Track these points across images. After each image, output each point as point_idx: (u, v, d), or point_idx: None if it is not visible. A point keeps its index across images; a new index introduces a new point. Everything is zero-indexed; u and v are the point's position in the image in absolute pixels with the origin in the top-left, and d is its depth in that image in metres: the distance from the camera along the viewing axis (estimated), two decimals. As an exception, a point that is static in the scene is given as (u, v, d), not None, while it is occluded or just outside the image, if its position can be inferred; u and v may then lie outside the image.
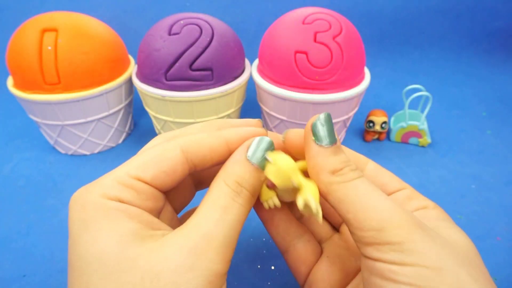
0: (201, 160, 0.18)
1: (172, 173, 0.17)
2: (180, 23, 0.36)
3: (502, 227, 0.32)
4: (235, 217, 0.16)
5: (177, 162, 0.17)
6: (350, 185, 0.17)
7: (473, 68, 0.66)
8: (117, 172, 0.17)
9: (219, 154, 0.18)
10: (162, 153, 0.17)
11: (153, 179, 0.17)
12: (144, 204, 0.16)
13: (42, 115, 0.38)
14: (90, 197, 0.16)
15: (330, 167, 0.17)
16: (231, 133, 0.19)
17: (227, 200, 0.17)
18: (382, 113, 0.43)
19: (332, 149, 0.17)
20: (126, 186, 0.16)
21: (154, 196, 0.17)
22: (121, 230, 0.15)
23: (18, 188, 0.37)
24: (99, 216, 0.15)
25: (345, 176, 0.17)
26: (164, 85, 0.36)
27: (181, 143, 0.18)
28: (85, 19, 0.38)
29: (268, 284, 0.28)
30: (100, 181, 0.16)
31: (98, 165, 0.41)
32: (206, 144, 0.18)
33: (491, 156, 0.42)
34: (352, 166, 0.17)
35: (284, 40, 0.36)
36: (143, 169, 0.17)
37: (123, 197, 0.16)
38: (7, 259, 0.30)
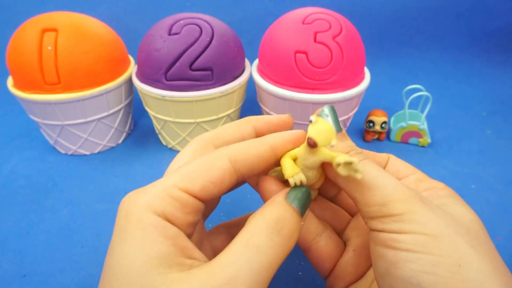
0: (249, 168, 0.18)
1: (220, 184, 0.17)
2: (180, 23, 0.36)
3: (502, 227, 0.32)
4: (269, 258, 0.15)
5: (226, 172, 0.17)
6: (359, 166, 0.17)
7: (473, 68, 0.66)
8: (166, 181, 0.16)
9: (266, 161, 0.18)
10: (210, 163, 0.17)
11: (202, 190, 0.16)
12: (186, 218, 0.16)
13: (42, 115, 0.38)
14: (136, 207, 0.15)
15: (340, 151, 0.18)
16: (276, 139, 0.18)
17: (263, 238, 0.15)
18: (382, 113, 0.43)
19: (339, 136, 0.18)
20: (173, 199, 0.16)
21: (197, 209, 0.17)
22: (152, 251, 0.14)
23: (18, 188, 0.37)
24: (137, 229, 0.15)
25: (353, 159, 0.17)
26: (164, 85, 0.36)
27: (229, 153, 0.17)
28: (85, 19, 0.38)
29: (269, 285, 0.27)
30: (150, 189, 0.16)
31: (98, 165, 0.41)
32: (254, 152, 0.18)
33: (491, 156, 0.42)
34: (358, 150, 0.18)
35: (284, 40, 0.36)
36: (192, 180, 0.16)
37: (168, 211, 0.15)
38: (7, 259, 0.30)
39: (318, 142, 0.16)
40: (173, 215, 0.15)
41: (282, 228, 0.16)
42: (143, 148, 0.44)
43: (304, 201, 0.17)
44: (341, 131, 0.18)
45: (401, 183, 0.17)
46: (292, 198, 0.17)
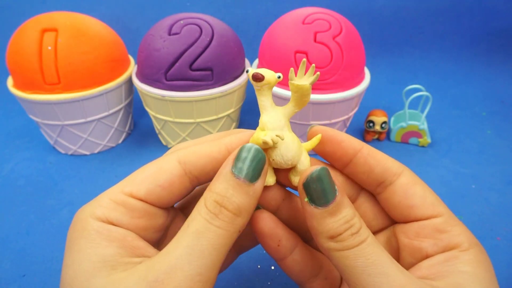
0: (202, 170, 0.17)
1: (169, 187, 0.16)
2: (180, 23, 0.36)
3: (502, 227, 0.32)
4: (210, 242, 0.14)
5: (174, 175, 0.16)
6: (348, 254, 0.15)
7: (473, 68, 0.66)
8: (113, 188, 0.16)
9: (220, 163, 0.17)
10: (158, 166, 0.16)
11: (148, 194, 0.16)
12: (135, 223, 0.16)
13: (42, 115, 0.38)
14: (81, 216, 0.15)
15: (327, 232, 0.15)
16: (232, 139, 0.17)
17: (201, 223, 0.15)
18: (382, 113, 0.43)
19: (329, 210, 0.15)
20: (118, 204, 0.16)
21: (148, 214, 0.16)
22: (95, 256, 0.14)
23: (18, 188, 0.37)
24: (81, 237, 0.15)
25: (343, 244, 0.15)
26: (164, 85, 0.36)
27: (179, 155, 0.17)
28: (85, 19, 0.38)
29: (268, 284, 0.28)
30: (97, 197, 0.16)
31: (98, 165, 0.41)
32: (205, 153, 0.17)
33: (491, 156, 0.42)
34: (355, 227, 0.15)
35: (284, 40, 0.36)
36: (137, 184, 0.16)
37: (112, 216, 0.15)
38: (7, 259, 0.30)
39: (263, 74, 0.16)
40: (118, 220, 0.15)
41: (221, 211, 0.15)
42: (143, 148, 0.44)
43: (253, 165, 0.15)
44: (333, 201, 0.15)
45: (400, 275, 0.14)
46: (240, 165, 0.15)
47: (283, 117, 0.17)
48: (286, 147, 0.17)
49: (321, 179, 0.15)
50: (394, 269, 0.14)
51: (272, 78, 0.16)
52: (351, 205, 0.16)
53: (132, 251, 0.15)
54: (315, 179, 0.15)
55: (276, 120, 0.17)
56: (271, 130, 0.16)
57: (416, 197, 0.17)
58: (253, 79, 0.16)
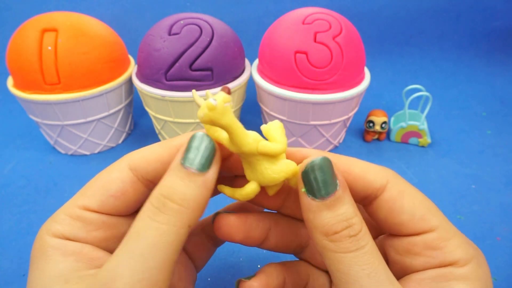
0: (154, 174, 0.16)
1: (122, 195, 0.16)
2: (180, 23, 0.36)
3: (502, 227, 0.32)
4: (152, 242, 0.13)
5: (126, 182, 0.16)
6: (343, 259, 0.13)
7: (473, 68, 0.66)
8: (68, 203, 0.16)
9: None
10: (108, 175, 0.16)
11: (101, 205, 0.15)
12: (92, 236, 0.15)
13: (42, 115, 0.38)
14: (39, 234, 0.15)
15: (323, 227, 0.14)
16: (181, 139, 0.16)
17: (142, 221, 0.14)
18: (382, 113, 0.43)
19: (326, 203, 0.14)
20: (73, 219, 0.15)
21: (107, 224, 0.16)
22: (50, 272, 0.14)
23: (18, 188, 0.37)
24: (37, 256, 0.15)
25: (339, 245, 0.14)
26: (164, 85, 0.36)
27: (128, 160, 0.16)
28: (85, 19, 0.38)
29: None
30: (54, 215, 0.16)
31: (98, 165, 0.41)
32: (155, 157, 0.16)
33: (491, 156, 0.42)
34: (354, 228, 0.14)
35: (284, 40, 0.36)
36: (89, 196, 0.16)
37: (67, 231, 0.15)
38: (7, 258, 0.30)
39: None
40: (74, 235, 0.15)
41: (165, 204, 0.14)
42: (143, 148, 0.44)
43: (202, 153, 0.14)
44: (332, 195, 0.14)
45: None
46: (189, 155, 0.14)
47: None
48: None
49: (322, 169, 0.14)
50: (390, 287, 0.13)
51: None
52: (353, 203, 0.14)
53: (90, 263, 0.14)
54: (312, 168, 0.14)
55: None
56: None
57: (403, 213, 0.15)
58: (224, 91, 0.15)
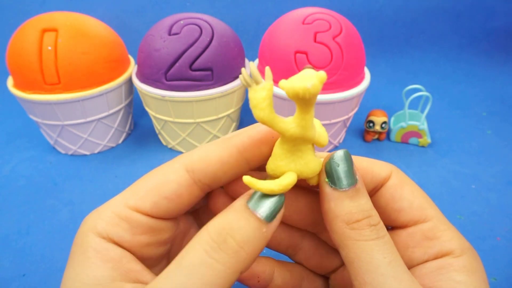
0: (212, 178, 0.15)
1: (176, 198, 0.15)
2: (180, 23, 0.36)
3: (502, 227, 0.32)
4: (205, 280, 0.12)
5: (182, 185, 0.15)
6: (365, 246, 0.14)
7: (473, 68, 0.66)
8: (116, 200, 0.15)
9: (232, 166, 0.15)
10: (163, 176, 0.15)
11: (153, 208, 0.15)
12: (137, 240, 0.15)
13: (42, 115, 0.38)
14: (83, 228, 0.14)
15: (345, 215, 0.14)
16: (242, 139, 0.15)
17: (198, 255, 0.13)
18: (382, 113, 0.43)
19: (348, 193, 0.14)
20: (121, 219, 0.14)
21: (153, 229, 0.15)
22: (86, 277, 0.13)
23: (18, 188, 0.37)
24: (79, 252, 0.14)
25: (362, 233, 0.14)
26: (164, 85, 0.36)
27: (185, 162, 0.15)
28: (85, 19, 0.38)
29: (268, 284, 0.28)
30: (99, 210, 0.15)
31: (98, 165, 0.41)
32: (214, 158, 0.15)
33: (491, 156, 0.42)
34: (374, 219, 0.14)
35: (284, 40, 0.36)
36: (142, 197, 0.15)
37: (113, 232, 0.14)
38: (7, 258, 0.30)
39: None
40: (119, 237, 0.14)
41: (225, 240, 0.13)
42: (143, 148, 0.44)
43: (271, 205, 0.14)
44: (354, 186, 0.14)
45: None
46: (255, 200, 0.14)
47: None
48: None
49: (343, 161, 0.15)
50: (408, 276, 0.13)
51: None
52: (369, 198, 0.15)
53: (125, 275, 0.14)
54: (339, 158, 0.15)
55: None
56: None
57: (403, 200, 0.16)
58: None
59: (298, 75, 0.12)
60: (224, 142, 0.15)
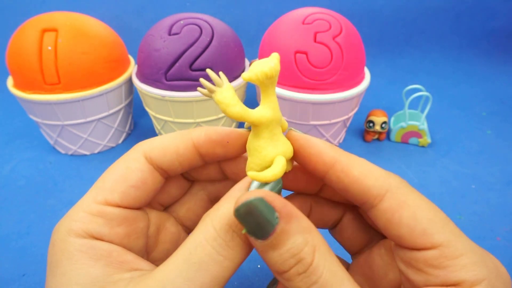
0: (169, 165, 0.16)
1: (142, 185, 0.15)
2: (180, 23, 0.36)
3: (502, 227, 0.32)
4: (214, 274, 0.13)
5: (145, 171, 0.15)
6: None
7: (473, 68, 0.66)
8: (84, 200, 0.15)
9: (187, 158, 0.16)
10: (125, 166, 0.15)
11: (123, 198, 0.15)
12: (115, 232, 0.15)
13: (42, 115, 0.38)
14: (58, 235, 0.14)
15: (273, 267, 0.13)
16: (199, 134, 0.16)
17: (206, 252, 0.13)
18: (382, 113, 0.43)
19: (269, 243, 0.13)
20: (94, 215, 0.14)
21: (127, 219, 0.15)
22: (82, 278, 0.13)
23: (18, 188, 0.37)
24: (64, 259, 0.13)
25: (293, 284, 0.13)
26: (164, 85, 0.36)
27: (144, 150, 0.16)
28: (85, 19, 0.38)
29: (268, 284, 0.28)
30: (69, 213, 0.15)
31: (98, 165, 0.41)
32: (171, 148, 0.16)
33: (491, 156, 0.42)
34: (303, 263, 0.13)
35: (284, 40, 0.36)
36: (109, 190, 0.15)
37: (91, 229, 0.14)
38: (7, 258, 0.30)
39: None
40: (98, 232, 0.14)
41: (232, 238, 0.13)
42: (143, 148, 0.44)
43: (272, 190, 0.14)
44: (272, 233, 0.13)
45: None
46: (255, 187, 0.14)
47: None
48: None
49: (252, 212, 0.12)
50: None
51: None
52: (302, 230, 0.13)
53: (120, 267, 0.14)
54: (246, 212, 0.12)
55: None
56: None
57: (401, 226, 0.14)
58: None
59: (254, 64, 0.14)
60: (182, 135, 0.16)
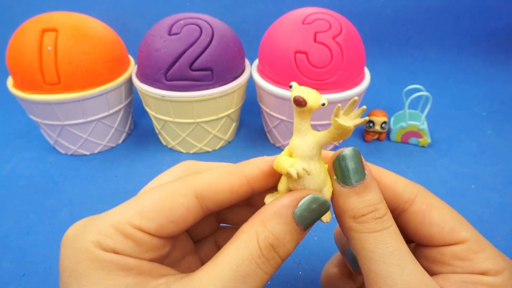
0: (219, 204, 0.16)
1: (183, 222, 0.15)
2: (180, 23, 0.36)
3: (502, 227, 0.32)
4: (255, 286, 0.14)
5: (190, 210, 0.15)
6: (368, 238, 0.14)
7: (473, 68, 0.66)
8: (117, 216, 0.14)
9: (240, 196, 0.16)
10: (173, 198, 0.15)
11: (159, 229, 0.14)
12: (143, 256, 0.14)
13: (42, 115, 0.38)
14: (83, 244, 0.14)
15: (351, 211, 0.15)
16: (252, 169, 0.16)
17: (253, 267, 0.14)
18: (382, 113, 0.43)
19: (355, 189, 0.15)
20: (125, 236, 0.14)
21: (156, 247, 0.15)
22: (117, 286, 0.13)
23: (18, 188, 0.37)
24: (93, 268, 0.13)
25: (366, 226, 0.15)
26: (164, 85, 0.36)
27: (196, 187, 0.15)
28: (85, 19, 0.38)
29: (268, 284, 0.28)
30: (96, 223, 0.14)
31: (98, 165, 0.41)
32: (226, 187, 0.15)
33: (491, 156, 0.42)
34: (380, 212, 0.15)
35: (284, 40, 0.36)
36: (147, 218, 0.14)
37: (119, 249, 0.14)
38: (7, 258, 0.30)
39: (306, 99, 0.14)
40: (126, 253, 0.14)
41: (273, 257, 0.14)
42: (143, 148, 0.44)
43: (315, 214, 0.15)
44: (361, 182, 0.15)
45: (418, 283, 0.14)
46: (300, 212, 0.14)
47: (316, 145, 0.15)
48: (310, 179, 0.15)
49: (350, 159, 0.15)
50: (412, 264, 0.14)
51: (315, 104, 0.14)
52: (379, 191, 0.15)
53: (151, 274, 0.14)
54: (343, 157, 0.15)
55: (307, 147, 0.15)
56: (299, 157, 0.15)
57: (432, 226, 0.16)
58: (295, 102, 0.14)
59: (305, 90, 0.14)
60: (235, 171, 0.16)
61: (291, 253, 0.15)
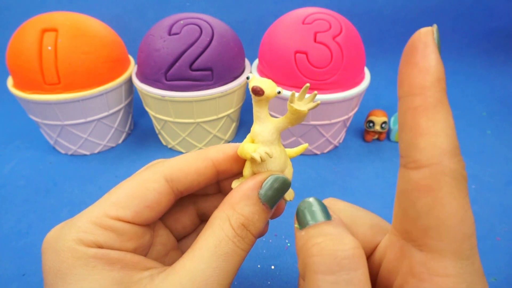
0: (189, 187, 0.17)
1: (157, 206, 0.16)
2: (180, 23, 0.36)
3: (502, 227, 0.32)
4: (235, 264, 0.15)
5: (161, 193, 0.16)
6: None
7: (473, 68, 0.66)
8: (94, 211, 0.15)
9: (207, 178, 0.17)
10: (143, 185, 0.16)
11: (136, 217, 0.15)
12: (126, 246, 0.15)
13: (42, 115, 0.38)
14: (65, 244, 0.14)
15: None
16: (217, 153, 0.17)
17: (230, 246, 0.15)
18: (382, 113, 0.43)
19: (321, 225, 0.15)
20: (105, 229, 0.14)
21: (137, 235, 0.16)
22: (103, 281, 0.13)
23: (18, 188, 0.37)
24: (77, 266, 0.14)
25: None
26: (164, 85, 0.36)
27: (164, 171, 0.16)
28: (85, 19, 0.38)
29: (268, 284, 0.28)
30: (74, 223, 0.15)
31: (98, 165, 0.41)
32: (193, 169, 0.17)
33: (491, 156, 0.42)
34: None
35: (284, 40, 0.36)
36: (123, 207, 0.15)
37: (102, 241, 0.14)
38: (7, 258, 0.30)
39: (264, 88, 0.15)
40: (109, 245, 0.14)
41: (247, 235, 0.15)
42: (143, 148, 0.44)
43: (279, 192, 0.16)
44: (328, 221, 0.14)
45: None
46: (264, 192, 0.16)
47: (275, 131, 0.16)
48: (272, 161, 0.16)
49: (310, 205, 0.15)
50: None
51: (272, 93, 0.16)
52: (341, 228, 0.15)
53: (136, 267, 0.15)
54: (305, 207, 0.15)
55: (268, 133, 0.16)
56: (261, 142, 0.16)
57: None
58: (253, 92, 0.15)
59: (262, 81, 0.16)
60: (201, 155, 0.17)
61: (261, 230, 0.16)
